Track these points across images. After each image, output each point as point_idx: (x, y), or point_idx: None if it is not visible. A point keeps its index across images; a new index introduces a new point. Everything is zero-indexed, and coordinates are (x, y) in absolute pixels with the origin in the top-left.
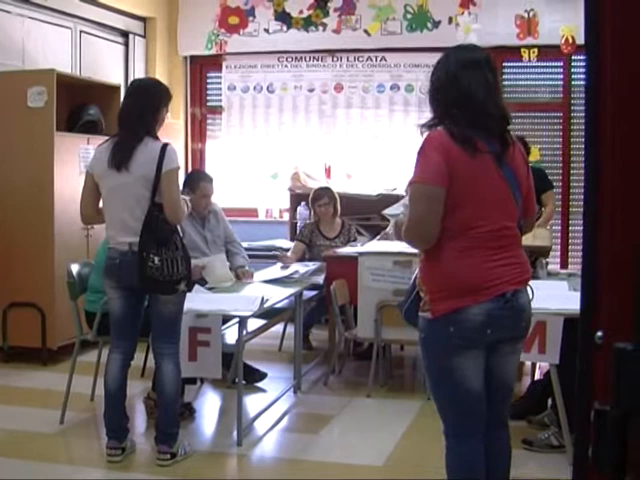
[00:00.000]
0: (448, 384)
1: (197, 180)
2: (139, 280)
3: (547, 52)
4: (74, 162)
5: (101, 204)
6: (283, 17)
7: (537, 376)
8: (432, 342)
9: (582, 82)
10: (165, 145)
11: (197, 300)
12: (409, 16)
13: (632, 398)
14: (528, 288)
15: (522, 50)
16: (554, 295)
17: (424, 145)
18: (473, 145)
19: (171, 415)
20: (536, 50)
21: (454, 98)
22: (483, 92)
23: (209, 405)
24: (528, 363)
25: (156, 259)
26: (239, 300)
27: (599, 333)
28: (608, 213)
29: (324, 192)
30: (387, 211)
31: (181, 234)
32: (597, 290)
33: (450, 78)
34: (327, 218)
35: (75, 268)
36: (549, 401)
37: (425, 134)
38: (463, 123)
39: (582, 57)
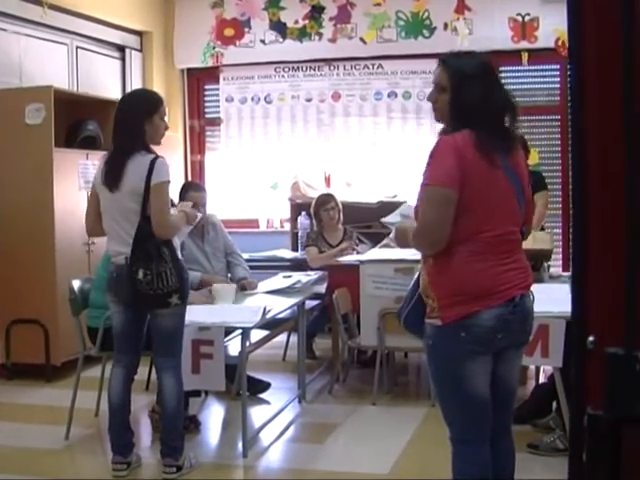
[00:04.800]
0: (457, 390)
1: (186, 190)
2: (130, 294)
3: (543, 55)
4: (73, 178)
5: None
6: (278, 27)
7: (541, 379)
8: (441, 349)
9: None
10: (155, 158)
11: (199, 312)
12: (404, 23)
13: (624, 403)
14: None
15: (518, 54)
16: (556, 298)
17: (437, 148)
18: (491, 151)
19: (175, 428)
20: (532, 54)
21: (475, 104)
22: (500, 97)
23: (214, 417)
24: (532, 367)
25: (147, 273)
26: (241, 311)
27: (591, 338)
28: (597, 217)
29: (329, 197)
30: (386, 219)
31: (177, 247)
32: (588, 296)
33: (473, 84)
34: (332, 224)
35: (77, 284)
36: (554, 404)
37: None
38: (484, 129)
39: None
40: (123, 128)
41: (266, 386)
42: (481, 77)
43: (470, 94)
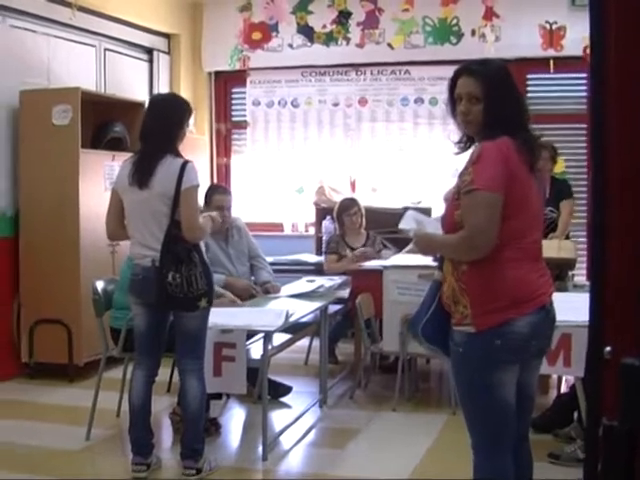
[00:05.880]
0: (485, 399)
1: (211, 193)
2: (159, 297)
3: (570, 63)
4: (99, 179)
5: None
6: (306, 31)
7: (563, 389)
8: (473, 357)
9: None
10: (185, 162)
11: (222, 315)
12: (431, 29)
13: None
14: None
15: (544, 61)
16: (580, 307)
17: (484, 153)
18: (531, 157)
19: (196, 431)
20: (558, 62)
21: (511, 111)
22: (525, 103)
23: (235, 420)
24: (554, 376)
25: (176, 276)
26: (264, 315)
27: (608, 348)
28: (615, 226)
29: (353, 202)
30: (402, 225)
31: (204, 250)
32: (605, 306)
33: (505, 91)
34: (355, 228)
35: (100, 285)
36: (575, 414)
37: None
38: (520, 135)
39: None
40: (155, 132)
41: (287, 390)
42: (510, 83)
43: (505, 102)
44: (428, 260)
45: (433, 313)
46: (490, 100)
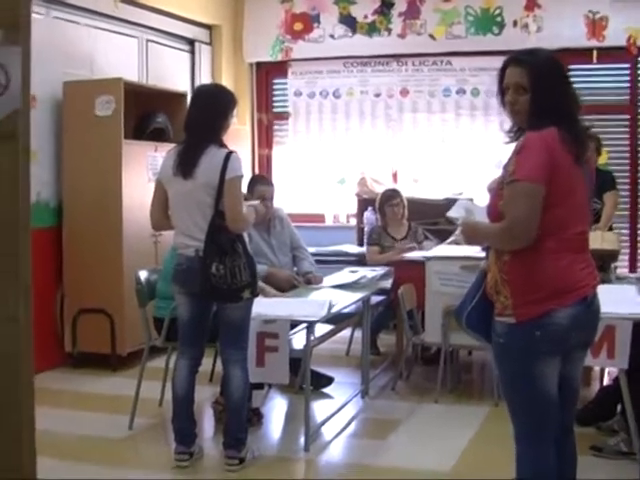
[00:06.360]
0: (527, 390)
1: (253, 183)
2: (203, 288)
3: (613, 54)
4: (142, 170)
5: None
6: (348, 21)
7: (606, 381)
8: (513, 347)
9: None
10: (230, 153)
11: (265, 305)
12: (473, 19)
13: None
14: None
15: (587, 52)
16: (623, 299)
17: (527, 143)
18: (576, 148)
19: (239, 420)
20: (600, 52)
21: (559, 102)
22: (574, 93)
23: (276, 410)
24: (597, 368)
25: (220, 267)
26: (307, 305)
27: None
28: None
29: (395, 193)
30: (450, 213)
31: (247, 240)
32: None
33: (554, 81)
34: (397, 219)
35: (143, 274)
36: (618, 407)
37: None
38: (566, 126)
39: None
40: (200, 122)
41: (329, 381)
42: (559, 74)
43: (553, 92)
44: (471, 251)
45: (477, 302)
46: (537, 90)
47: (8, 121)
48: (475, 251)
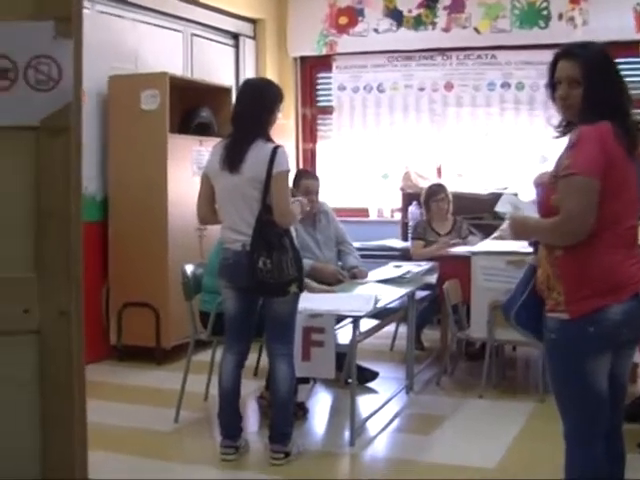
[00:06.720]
0: (579, 387)
1: (299, 178)
2: (250, 283)
3: None
4: (187, 164)
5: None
6: (395, 15)
7: None
8: (566, 343)
9: None
10: (276, 147)
11: (311, 300)
12: (519, 12)
13: None
14: None
15: (634, 45)
16: None
17: (582, 137)
18: (630, 142)
19: (285, 415)
20: None
21: (611, 96)
22: (626, 87)
23: (321, 405)
24: None
25: (267, 262)
26: (353, 300)
27: None
28: None
29: (440, 188)
30: (498, 208)
31: (294, 235)
32: None
33: (607, 75)
34: (442, 214)
35: (189, 268)
36: None
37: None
38: (619, 120)
39: None
40: (247, 116)
41: (374, 375)
42: (611, 67)
43: (606, 86)
44: (517, 246)
45: (527, 298)
46: (590, 84)
47: (60, 115)
48: (521, 246)
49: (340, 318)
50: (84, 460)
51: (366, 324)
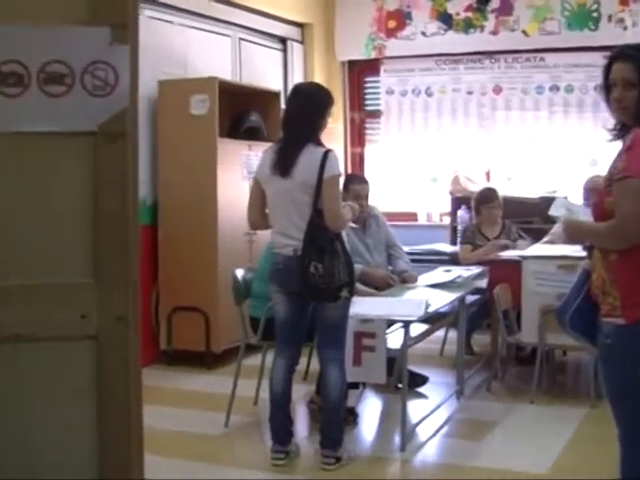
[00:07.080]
0: (634, 391)
1: (348, 182)
2: (301, 288)
3: None
4: (237, 168)
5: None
6: (444, 18)
7: None
8: (621, 349)
9: None
10: (327, 151)
11: (362, 304)
12: (569, 14)
13: None
14: None
15: None
16: None
17: (637, 140)
18: None
19: (336, 420)
20: None
21: None
22: None
23: (371, 410)
24: None
25: (319, 267)
26: (404, 304)
27: None
28: None
29: (493, 194)
30: (551, 212)
31: (345, 239)
32: None
33: None
34: (493, 219)
35: (240, 273)
36: None
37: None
38: None
39: None
40: (297, 120)
41: (424, 380)
42: None
43: None
44: (568, 250)
45: (581, 303)
46: None
47: (117, 120)
48: (572, 250)
49: (391, 323)
50: (140, 461)
51: (416, 329)
